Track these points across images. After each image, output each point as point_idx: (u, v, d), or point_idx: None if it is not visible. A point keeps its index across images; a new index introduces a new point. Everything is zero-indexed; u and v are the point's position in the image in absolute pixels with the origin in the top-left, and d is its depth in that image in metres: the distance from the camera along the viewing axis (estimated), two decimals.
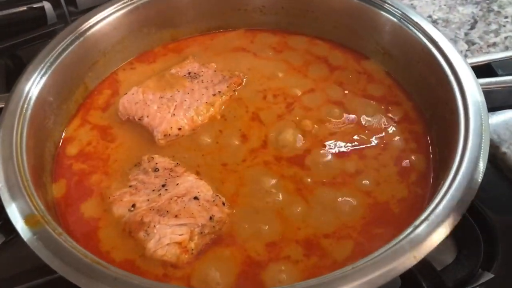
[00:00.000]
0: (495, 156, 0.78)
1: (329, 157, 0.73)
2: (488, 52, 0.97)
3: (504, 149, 0.78)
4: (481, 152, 0.60)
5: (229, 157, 0.73)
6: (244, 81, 0.85)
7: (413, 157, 0.72)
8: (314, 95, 0.82)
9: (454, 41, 1.01)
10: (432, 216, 0.55)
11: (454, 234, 0.69)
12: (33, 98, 0.70)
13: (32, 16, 1.16)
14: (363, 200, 0.67)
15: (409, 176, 0.70)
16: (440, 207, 0.56)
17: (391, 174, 0.70)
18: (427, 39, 0.75)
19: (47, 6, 1.15)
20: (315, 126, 0.77)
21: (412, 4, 1.12)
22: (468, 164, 0.59)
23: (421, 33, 0.76)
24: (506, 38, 1.01)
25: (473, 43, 1.02)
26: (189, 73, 0.85)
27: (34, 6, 1.17)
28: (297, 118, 0.78)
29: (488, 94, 0.70)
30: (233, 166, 0.72)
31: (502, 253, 0.68)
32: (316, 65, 0.88)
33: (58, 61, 0.75)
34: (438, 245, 0.53)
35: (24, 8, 1.17)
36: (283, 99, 0.82)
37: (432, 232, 0.53)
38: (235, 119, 0.79)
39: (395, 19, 0.80)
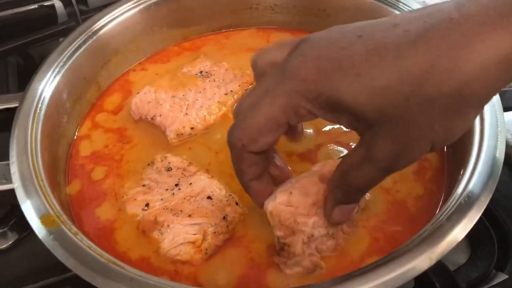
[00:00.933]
0: (508, 155, 0.78)
1: (342, 152, 0.73)
2: None
3: None
4: (497, 153, 0.60)
5: None
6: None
7: (427, 155, 0.72)
8: None
9: None
10: (448, 218, 0.54)
11: (467, 235, 0.69)
12: (47, 97, 0.70)
13: (42, 14, 1.17)
14: (379, 197, 0.67)
15: (424, 175, 0.70)
16: (456, 208, 0.55)
17: (407, 172, 0.70)
18: None
19: (58, 4, 1.16)
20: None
21: (424, 3, 1.12)
22: (483, 165, 0.59)
23: None
24: None
25: None
26: (200, 72, 0.85)
27: (45, 4, 1.18)
28: None
29: (503, 93, 0.69)
30: None
31: None
32: None
33: (71, 60, 0.75)
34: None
35: (35, 6, 1.17)
36: None
37: (448, 234, 0.53)
38: None
39: None
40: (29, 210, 0.57)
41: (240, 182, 0.57)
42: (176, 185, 0.68)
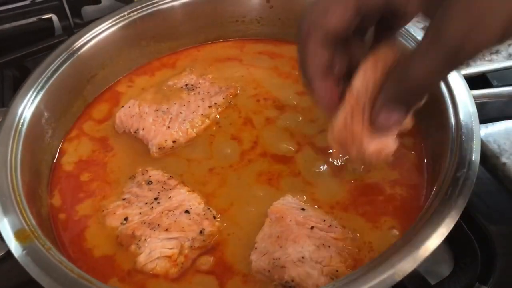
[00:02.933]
0: (495, 166, 0.77)
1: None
2: (490, 60, 0.96)
3: (504, 159, 0.77)
4: (471, 166, 0.60)
5: (219, 162, 0.75)
6: (239, 91, 0.86)
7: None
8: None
9: None
10: (423, 227, 0.54)
11: (451, 246, 0.69)
12: (29, 114, 0.71)
13: (40, 27, 1.19)
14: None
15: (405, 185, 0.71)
16: (427, 223, 0.55)
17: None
18: None
19: (55, 17, 1.18)
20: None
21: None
22: (455, 178, 0.58)
23: (414, 43, 0.76)
24: (509, 45, 0.99)
25: None
26: (186, 85, 0.86)
27: (42, 17, 1.20)
28: (288, 122, 0.80)
29: (484, 105, 0.69)
30: (218, 170, 0.74)
31: (500, 267, 0.67)
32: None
33: (55, 76, 0.76)
34: (436, 256, 0.53)
35: (33, 19, 1.19)
36: (272, 102, 0.84)
37: (423, 242, 0.53)
38: (230, 126, 0.80)
39: None
40: (5, 227, 0.58)
41: (303, 79, 0.54)
42: (156, 199, 0.69)
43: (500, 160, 0.77)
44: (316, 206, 0.68)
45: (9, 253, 0.77)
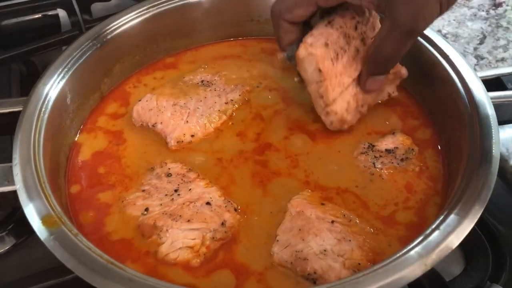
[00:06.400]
0: (504, 169, 0.79)
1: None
2: (496, 67, 0.99)
3: None
4: (492, 165, 0.61)
5: (234, 157, 0.76)
6: (255, 89, 0.87)
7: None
8: None
9: (463, 55, 1.02)
10: (443, 225, 0.55)
11: (462, 246, 0.70)
12: (51, 101, 0.71)
13: (46, 23, 1.19)
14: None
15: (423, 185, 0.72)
16: (451, 216, 0.56)
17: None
18: (437, 52, 0.77)
19: (61, 14, 1.18)
20: None
21: None
22: (478, 176, 0.60)
23: (431, 47, 0.78)
24: None
25: (482, 58, 1.03)
26: (202, 81, 0.87)
27: (49, 14, 1.20)
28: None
29: (497, 107, 0.71)
30: (233, 164, 0.75)
31: (510, 266, 0.68)
32: None
33: (76, 65, 0.76)
34: (447, 256, 0.54)
35: (39, 15, 1.19)
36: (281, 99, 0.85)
37: (443, 241, 0.54)
38: (243, 123, 0.81)
39: None
40: (31, 211, 0.58)
41: (279, 48, 0.75)
42: (176, 190, 0.69)
43: (508, 163, 0.79)
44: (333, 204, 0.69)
45: (16, 245, 0.77)
